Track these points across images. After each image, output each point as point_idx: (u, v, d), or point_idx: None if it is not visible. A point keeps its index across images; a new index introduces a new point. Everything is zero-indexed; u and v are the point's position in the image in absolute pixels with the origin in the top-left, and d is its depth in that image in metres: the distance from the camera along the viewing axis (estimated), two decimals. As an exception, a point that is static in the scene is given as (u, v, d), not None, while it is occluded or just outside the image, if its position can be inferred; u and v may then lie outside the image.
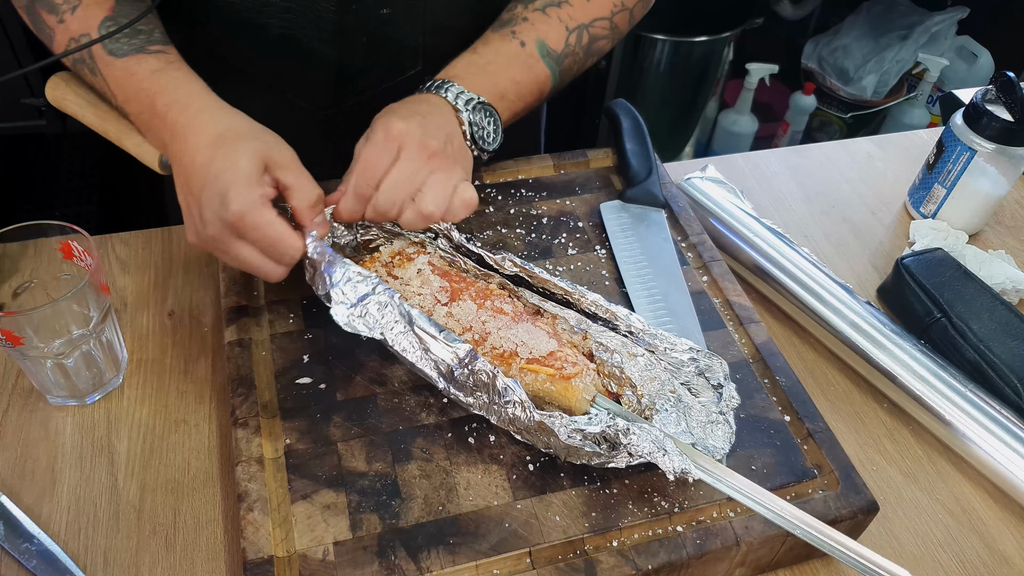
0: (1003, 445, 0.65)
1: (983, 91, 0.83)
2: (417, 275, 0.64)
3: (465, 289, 0.63)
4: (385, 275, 0.64)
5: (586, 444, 0.54)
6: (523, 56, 0.73)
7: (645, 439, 0.53)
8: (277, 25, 0.73)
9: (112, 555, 0.57)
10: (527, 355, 0.58)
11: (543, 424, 0.54)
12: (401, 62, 0.79)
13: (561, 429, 0.54)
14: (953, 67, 2.04)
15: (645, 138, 0.82)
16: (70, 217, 1.96)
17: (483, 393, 0.56)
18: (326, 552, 0.52)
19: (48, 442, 0.63)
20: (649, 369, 0.60)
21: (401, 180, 0.62)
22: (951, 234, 0.85)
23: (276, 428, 0.59)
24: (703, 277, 0.72)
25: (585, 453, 0.55)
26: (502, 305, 0.62)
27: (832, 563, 0.60)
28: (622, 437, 0.53)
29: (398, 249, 0.66)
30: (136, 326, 0.71)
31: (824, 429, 0.61)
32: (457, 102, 0.68)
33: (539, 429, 0.55)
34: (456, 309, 0.61)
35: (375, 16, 0.74)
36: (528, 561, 0.53)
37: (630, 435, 0.53)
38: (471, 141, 0.68)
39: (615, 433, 0.53)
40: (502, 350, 0.59)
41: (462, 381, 0.56)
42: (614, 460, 0.55)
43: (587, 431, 0.54)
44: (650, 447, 0.53)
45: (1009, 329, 0.71)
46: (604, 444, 0.54)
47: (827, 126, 2.17)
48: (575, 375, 0.57)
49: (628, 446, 0.53)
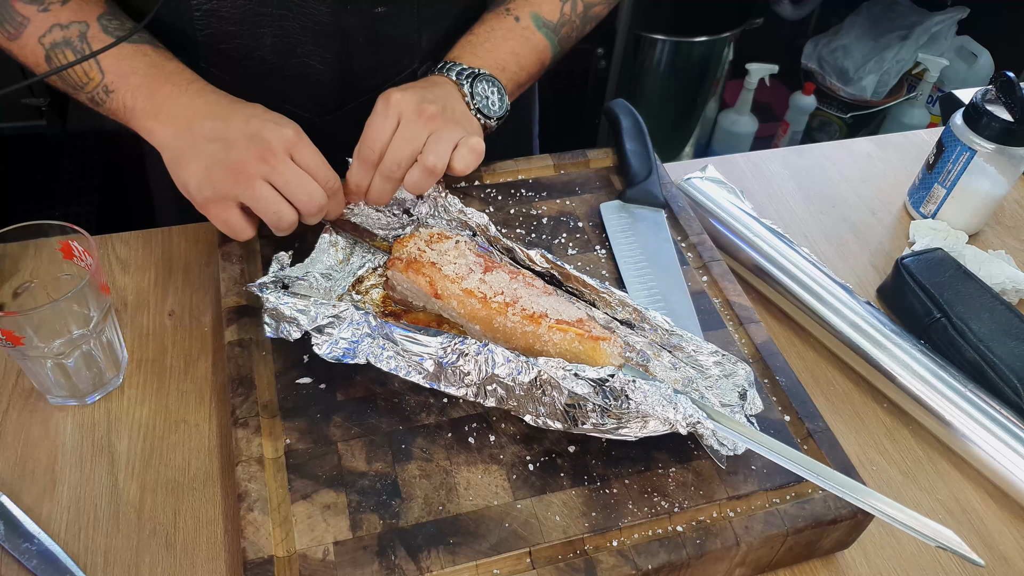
0: (1003, 445, 0.65)
1: (983, 91, 0.83)
2: (455, 246, 0.64)
3: (499, 266, 0.64)
4: (424, 245, 0.64)
5: (590, 395, 0.53)
6: (519, 30, 0.77)
7: (654, 394, 0.53)
8: (272, 34, 0.73)
9: (112, 555, 0.57)
10: (556, 316, 0.59)
11: (544, 375, 0.54)
12: (399, 60, 0.79)
13: (566, 378, 0.53)
14: (953, 67, 2.04)
15: (645, 138, 0.82)
16: (70, 217, 1.96)
17: (475, 372, 0.56)
18: (326, 552, 0.52)
19: (48, 442, 0.63)
20: (674, 369, 0.60)
21: (402, 141, 0.66)
22: (951, 234, 0.85)
23: (276, 428, 0.59)
24: (703, 277, 0.72)
25: (593, 409, 0.54)
26: (533, 281, 0.63)
27: (832, 562, 0.60)
28: (629, 392, 0.53)
29: (436, 232, 0.67)
30: (136, 326, 0.71)
31: (824, 429, 0.61)
32: (458, 77, 0.72)
33: (541, 385, 0.54)
34: (489, 276, 0.62)
35: (371, 15, 0.74)
36: (528, 561, 0.53)
37: (638, 388, 0.53)
38: (476, 111, 0.73)
39: (620, 386, 0.53)
40: (532, 312, 0.59)
41: (452, 368, 0.56)
42: (625, 424, 0.54)
43: (589, 377, 0.53)
44: (660, 402, 0.53)
45: (1009, 329, 0.71)
46: (611, 398, 0.53)
47: (827, 126, 2.17)
48: (605, 339, 0.57)
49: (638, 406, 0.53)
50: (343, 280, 0.68)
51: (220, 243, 0.71)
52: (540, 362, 0.54)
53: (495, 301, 0.60)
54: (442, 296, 0.62)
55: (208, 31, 0.72)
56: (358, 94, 0.80)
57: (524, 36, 0.77)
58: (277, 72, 0.76)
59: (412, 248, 0.65)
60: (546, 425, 0.57)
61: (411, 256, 0.64)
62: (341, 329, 0.59)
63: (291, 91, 0.78)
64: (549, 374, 0.54)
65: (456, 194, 0.77)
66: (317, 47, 0.74)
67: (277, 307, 0.60)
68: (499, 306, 0.60)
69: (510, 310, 0.59)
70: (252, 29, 0.72)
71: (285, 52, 0.74)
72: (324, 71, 0.77)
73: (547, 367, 0.54)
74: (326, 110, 0.80)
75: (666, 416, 0.53)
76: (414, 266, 0.63)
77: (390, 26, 0.75)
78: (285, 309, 0.60)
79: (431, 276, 0.62)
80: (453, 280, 0.62)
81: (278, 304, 0.60)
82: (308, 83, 0.78)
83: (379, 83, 0.80)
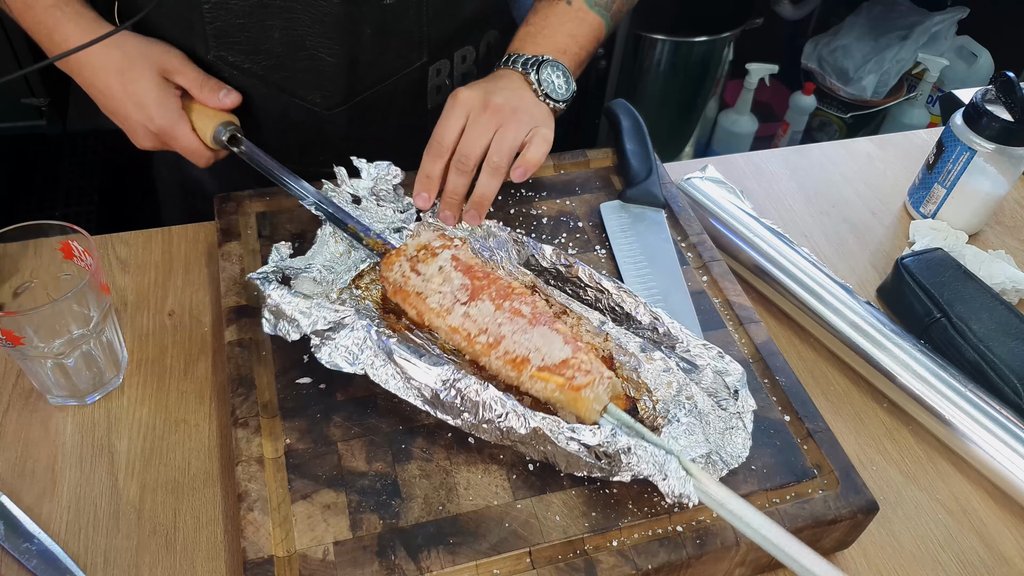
0: (1003, 445, 0.65)
1: (983, 91, 0.83)
2: (439, 272, 0.63)
3: (486, 288, 0.62)
4: (408, 269, 0.64)
5: (583, 454, 0.53)
6: (572, 12, 0.80)
7: (646, 459, 0.53)
8: (280, 27, 0.73)
9: (112, 555, 0.57)
10: (539, 362, 0.58)
11: (539, 431, 0.54)
12: (406, 53, 0.79)
13: (560, 436, 0.53)
14: (953, 67, 2.04)
15: (645, 138, 0.82)
16: (70, 217, 1.96)
17: (470, 414, 0.56)
18: (326, 552, 0.52)
19: (48, 442, 0.63)
20: (666, 373, 0.60)
21: (472, 135, 0.69)
22: (951, 234, 0.85)
23: (276, 428, 0.59)
24: (703, 277, 0.72)
25: (585, 464, 0.54)
26: (521, 306, 0.61)
27: (832, 563, 0.60)
28: (622, 455, 0.53)
29: (425, 242, 0.66)
30: (136, 326, 0.71)
31: (824, 429, 0.61)
32: (523, 68, 0.75)
33: (535, 438, 0.54)
34: (474, 309, 0.61)
35: (379, 7, 0.74)
36: (528, 561, 0.53)
37: (631, 454, 0.53)
38: (544, 97, 0.75)
39: (615, 451, 0.53)
40: (515, 355, 0.59)
41: (448, 403, 0.56)
42: (618, 475, 0.54)
43: (584, 441, 0.53)
44: (650, 468, 0.53)
45: (1009, 329, 0.71)
46: (604, 459, 0.54)
47: (827, 126, 2.17)
48: (586, 385, 0.56)
49: (627, 465, 0.53)
50: (344, 274, 0.67)
51: (220, 243, 0.71)
52: (538, 418, 0.54)
53: (478, 341, 0.60)
54: (430, 327, 0.63)
55: (216, 24, 0.73)
56: (366, 87, 0.80)
57: (579, 17, 0.79)
58: (285, 65, 0.77)
59: (397, 274, 0.64)
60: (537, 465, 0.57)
61: (397, 284, 0.64)
62: (342, 336, 0.59)
63: (299, 84, 0.78)
64: (544, 432, 0.54)
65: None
66: (326, 39, 0.75)
67: (279, 304, 0.60)
68: (483, 347, 0.60)
69: (493, 353, 0.59)
70: (260, 22, 0.73)
71: (293, 45, 0.75)
72: (332, 63, 0.77)
73: (544, 424, 0.54)
74: (334, 103, 0.80)
75: (653, 480, 0.53)
76: (400, 295, 0.64)
77: (398, 18, 0.76)
78: (286, 308, 0.59)
79: (417, 307, 0.63)
80: (438, 314, 0.62)
81: (280, 302, 0.60)
82: (316, 76, 0.78)
83: (387, 76, 0.80)
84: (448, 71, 0.84)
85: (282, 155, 0.73)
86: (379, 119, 0.83)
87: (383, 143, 0.85)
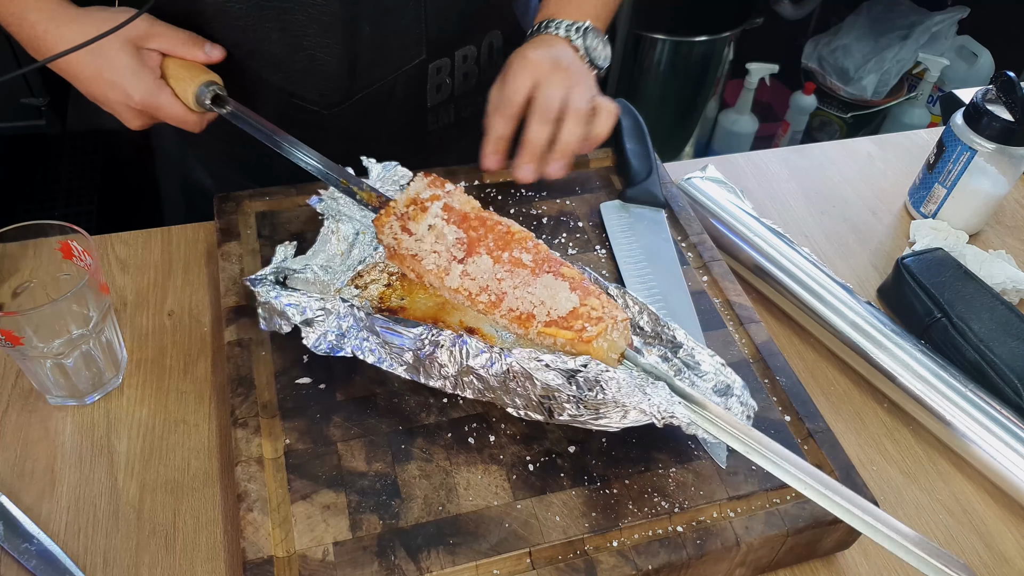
0: (1003, 445, 0.65)
1: (983, 91, 0.83)
2: (430, 230, 0.62)
3: (483, 239, 0.60)
4: (399, 229, 0.63)
5: (562, 385, 0.52)
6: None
7: (628, 382, 0.52)
8: (279, 28, 0.73)
9: (112, 555, 0.57)
10: (545, 317, 0.56)
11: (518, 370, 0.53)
12: (406, 51, 0.79)
13: (536, 367, 0.52)
14: (953, 67, 2.04)
15: (645, 138, 0.82)
16: (70, 217, 1.96)
17: (451, 365, 0.55)
18: (326, 552, 0.52)
19: (48, 442, 0.63)
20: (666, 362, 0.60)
21: (551, 92, 0.70)
22: (951, 234, 0.85)
23: (276, 428, 0.59)
24: (703, 277, 0.72)
25: (568, 401, 0.53)
26: (521, 255, 0.59)
27: (832, 563, 0.60)
28: (602, 381, 0.52)
29: (414, 195, 0.64)
30: (136, 326, 0.71)
31: (824, 429, 0.61)
32: (568, 33, 0.75)
33: (515, 377, 0.53)
34: (472, 267, 0.59)
35: (376, 5, 0.74)
36: (528, 561, 0.53)
37: (612, 378, 0.52)
38: (589, 63, 0.76)
39: (594, 376, 0.52)
40: (519, 312, 0.57)
41: (428, 360, 0.56)
42: (603, 415, 0.53)
43: (563, 367, 0.52)
44: (632, 391, 0.52)
45: (1009, 329, 0.71)
46: (584, 387, 0.52)
47: (827, 126, 2.17)
48: (597, 335, 0.54)
49: (609, 394, 0.52)
50: (342, 274, 0.67)
51: (219, 243, 0.71)
52: (514, 353, 0.54)
53: (480, 301, 0.58)
54: (432, 287, 0.62)
55: (215, 24, 0.73)
56: (365, 85, 0.80)
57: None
58: (284, 65, 0.77)
59: (388, 236, 0.63)
60: (528, 417, 0.56)
61: (391, 248, 0.63)
62: (328, 322, 0.59)
63: (298, 84, 0.78)
64: (521, 365, 0.53)
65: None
66: (324, 39, 0.75)
67: (268, 301, 0.60)
68: (486, 306, 0.58)
69: (497, 312, 0.58)
70: (258, 23, 0.73)
71: (292, 45, 0.75)
72: (331, 63, 0.77)
73: (520, 358, 0.53)
74: (332, 102, 0.80)
75: (640, 407, 0.52)
76: (397, 259, 0.63)
77: (396, 16, 0.76)
78: (276, 304, 0.60)
79: (415, 270, 0.62)
80: (436, 275, 0.60)
81: (268, 298, 0.60)
82: (315, 76, 0.78)
83: (386, 74, 0.80)
84: (449, 70, 0.83)
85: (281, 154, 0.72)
86: (379, 117, 0.83)
87: (383, 142, 0.85)
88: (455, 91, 0.85)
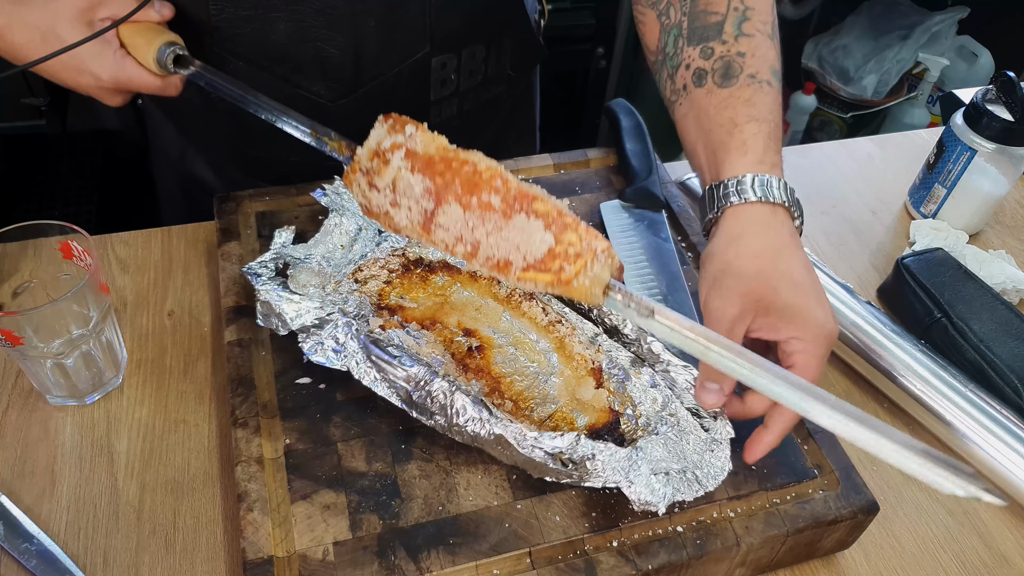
0: (1003, 445, 0.64)
1: (983, 91, 0.83)
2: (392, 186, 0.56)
3: (450, 184, 0.55)
4: (367, 187, 0.58)
5: (548, 461, 0.53)
6: (774, 94, 0.62)
7: (611, 465, 0.52)
8: (286, 19, 0.73)
9: (112, 555, 0.57)
10: (521, 262, 0.52)
11: (502, 439, 0.53)
12: (410, 44, 0.79)
13: (524, 444, 0.53)
14: (953, 67, 2.04)
15: (645, 138, 0.82)
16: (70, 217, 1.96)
17: (440, 416, 0.56)
18: (326, 552, 0.52)
19: (48, 442, 0.63)
20: (653, 389, 0.60)
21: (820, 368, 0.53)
22: (951, 234, 0.85)
23: (276, 428, 0.58)
24: (703, 277, 0.72)
25: (552, 471, 0.54)
26: (490, 198, 0.54)
27: (833, 563, 0.60)
28: (587, 462, 0.53)
29: (375, 146, 0.58)
30: (136, 326, 0.71)
31: (824, 429, 0.61)
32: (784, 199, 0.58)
33: (500, 443, 0.54)
34: (443, 218, 0.54)
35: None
36: (528, 561, 0.53)
37: (595, 460, 0.53)
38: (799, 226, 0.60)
39: (579, 457, 0.53)
40: (496, 259, 0.53)
41: (420, 404, 0.56)
42: (588, 481, 0.54)
43: (546, 449, 0.53)
44: (616, 475, 0.52)
45: (1009, 329, 0.71)
46: (571, 464, 0.53)
47: (827, 126, 2.17)
48: (577, 273, 0.50)
49: (594, 472, 0.53)
50: (344, 267, 0.67)
51: (219, 243, 0.71)
52: (501, 425, 0.54)
53: (458, 251, 0.54)
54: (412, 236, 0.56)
55: (222, 15, 0.73)
56: (370, 79, 0.80)
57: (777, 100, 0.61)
58: (291, 57, 0.76)
59: (359, 195, 0.58)
60: None
61: (364, 206, 0.58)
62: (325, 333, 0.59)
63: (304, 76, 0.78)
64: (508, 439, 0.53)
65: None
66: (331, 31, 0.75)
67: (268, 300, 0.61)
68: (465, 255, 0.54)
69: (476, 261, 0.54)
70: (266, 14, 0.73)
71: (299, 37, 0.75)
72: (338, 55, 0.77)
73: (507, 432, 0.53)
74: (338, 94, 0.80)
75: (622, 488, 0.53)
76: (372, 216, 0.57)
77: (402, 10, 0.76)
78: (274, 304, 0.60)
79: (390, 225, 0.56)
80: (411, 229, 0.56)
81: (268, 298, 0.60)
82: (321, 68, 0.78)
83: (391, 67, 0.80)
84: (455, 66, 0.83)
85: (283, 147, 0.72)
86: (382, 110, 0.83)
87: None
88: (460, 87, 0.85)
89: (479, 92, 0.87)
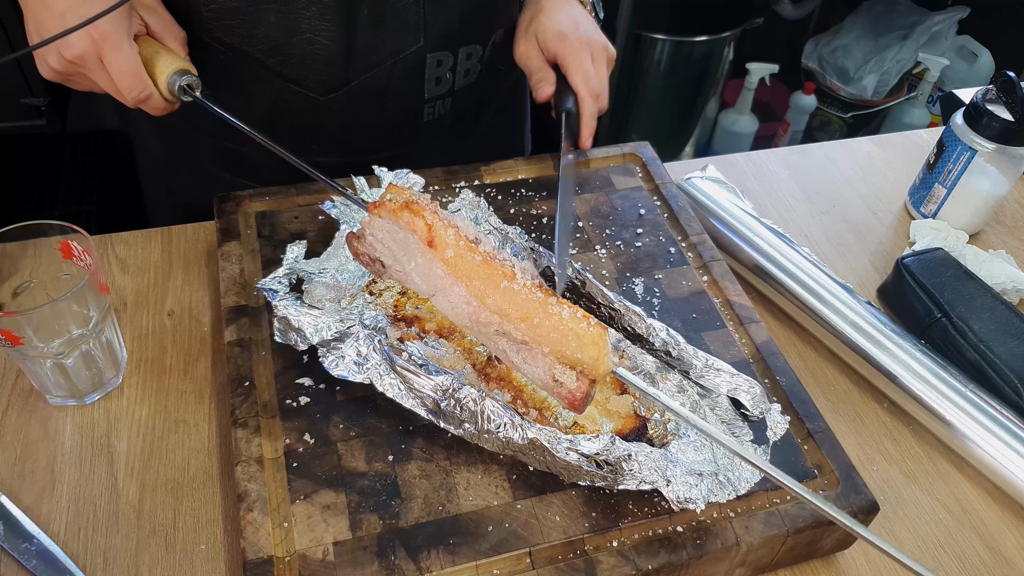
0: (1003, 445, 0.65)
1: (983, 91, 0.83)
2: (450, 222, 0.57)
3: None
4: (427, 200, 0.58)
5: (583, 463, 0.53)
6: None
7: (648, 465, 0.53)
8: (276, 10, 0.73)
9: (112, 555, 0.57)
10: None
11: (536, 443, 0.53)
12: (403, 38, 0.79)
13: (558, 447, 0.53)
14: (953, 67, 2.04)
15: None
16: (70, 217, 1.96)
17: (470, 424, 0.56)
18: (326, 552, 0.52)
19: (48, 442, 0.63)
20: (680, 394, 0.60)
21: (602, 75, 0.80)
22: (951, 234, 0.85)
23: (276, 428, 0.58)
24: (703, 277, 0.72)
25: (586, 473, 0.54)
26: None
27: (833, 563, 0.60)
28: (623, 463, 0.53)
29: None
30: (136, 326, 0.71)
31: (824, 429, 0.61)
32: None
33: (533, 448, 0.54)
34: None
35: None
36: (528, 561, 0.53)
37: (632, 460, 0.53)
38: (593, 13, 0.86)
39: (615, 459, 0.53)
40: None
41: (449, 412, 0.56)
42: (622, 483, 0.54)
43: (582, 451, 0.53)
44: (653, 475, 0.53)
45: (1009, 329, 0.71)
46: (606, 467, 0.53)
47: (827, 126, 2.17)
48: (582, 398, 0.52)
49: (630, 472, 0.53)
50: (358, 280, 0.67)
51: (219, 243, 0.71)
52: (535, 429, 0.54)
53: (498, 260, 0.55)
54: (437, 245, 0.56)
55: (213, 6, 0.72)
56: (362, 71, 0.80)
57: None
58: (282, 49, 0.76)
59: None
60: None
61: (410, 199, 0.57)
62: (347, 346, 0.59)
63: (295, 69, 0.78)
64: (542, 443, 0.53)
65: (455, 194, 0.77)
66: (322, 22, 0.74)
67: (286, 316, 0.60)
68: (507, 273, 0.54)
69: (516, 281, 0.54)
70: (256, 4, 0.72)
71: (290, 28, 0.74)
72: (329, 47, 0.76)
73: (541, 435, 0.54)
74: (330, 88, 0.80)
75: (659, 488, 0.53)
76: (412, 207, 0.57)
77: (393, 2, 0.75)
78: (293, 320, 0.60)
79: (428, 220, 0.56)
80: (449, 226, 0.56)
81: (287, 314, 0.60)
82: (313, 60, 0.77)
83: (383, 60, 0.79)
84: (451, 64, 0.83)
85: (276, 142, 0.72)
86: (375, 105, 0.83)
87: (379, 130, 0.84)
88: (455, 85, 0.85)
89: (472, 90, 0.87)
